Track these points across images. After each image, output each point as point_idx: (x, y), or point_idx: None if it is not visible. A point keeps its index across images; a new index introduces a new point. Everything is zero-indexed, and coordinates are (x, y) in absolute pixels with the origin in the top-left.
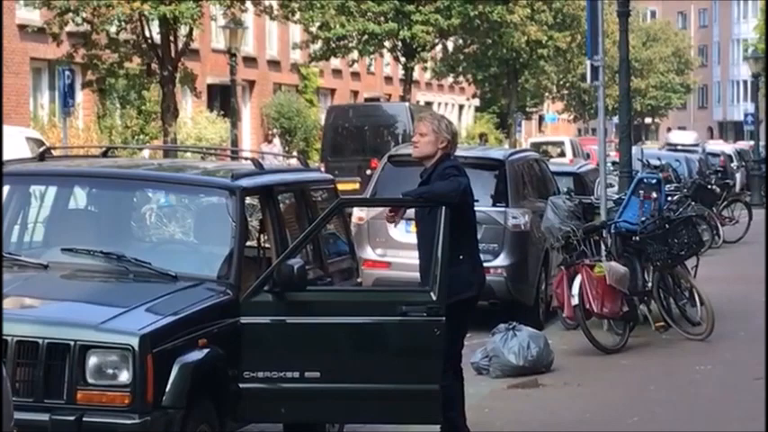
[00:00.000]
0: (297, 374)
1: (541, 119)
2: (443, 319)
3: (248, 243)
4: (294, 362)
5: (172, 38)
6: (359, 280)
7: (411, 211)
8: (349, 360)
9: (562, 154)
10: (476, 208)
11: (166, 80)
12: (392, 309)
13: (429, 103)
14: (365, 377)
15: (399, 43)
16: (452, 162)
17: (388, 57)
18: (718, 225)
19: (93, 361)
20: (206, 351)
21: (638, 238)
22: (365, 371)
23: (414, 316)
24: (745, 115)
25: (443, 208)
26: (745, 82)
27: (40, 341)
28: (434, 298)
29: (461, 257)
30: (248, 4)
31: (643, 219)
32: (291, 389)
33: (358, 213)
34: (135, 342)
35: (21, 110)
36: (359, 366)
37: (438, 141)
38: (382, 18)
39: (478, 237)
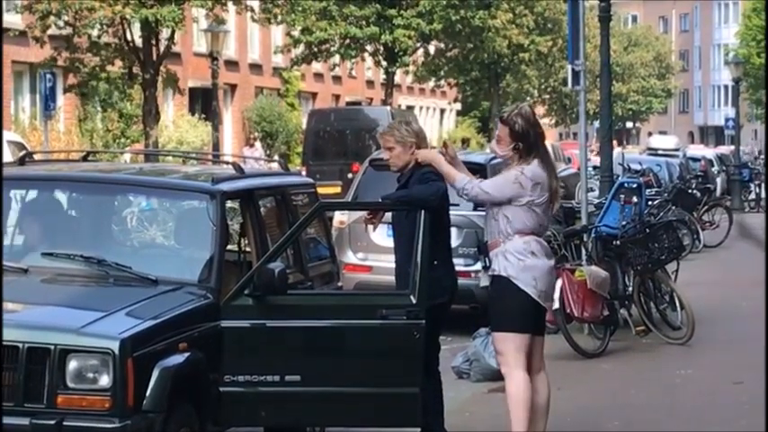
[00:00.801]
0: (277, 378)
1: None
2: (423, 322)
3: (229, 247)
4: (274, 365)
5: (153, 41)
6: (339, 284)
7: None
8: (329, 363)
9: None
10: (457, 212)
11: (148, 83)
12: (372, 312)
13: (411, 107)
14: (345, 380)
15: (381, 47)
16: (430, 168)
17: (369, 61)
18: (699, 229)
19: (73, 365)
20: (186, 355)
21: (618, 242)
22: (345, 374)
23: (393, 319)
24: (726, 120)
25: (422, 212)
26: (726, 87)
27: (21, 345)
28: (414, 301)
29: (436, 262)
30: (230, 5)
31: (624, 223)
32: (272, 392)
33: (339, 217)
34: (115, 346)
35: (2, 113)
36: (339, 370)
37: (407, 149)
38: (364, 22)
39: (460, 241)
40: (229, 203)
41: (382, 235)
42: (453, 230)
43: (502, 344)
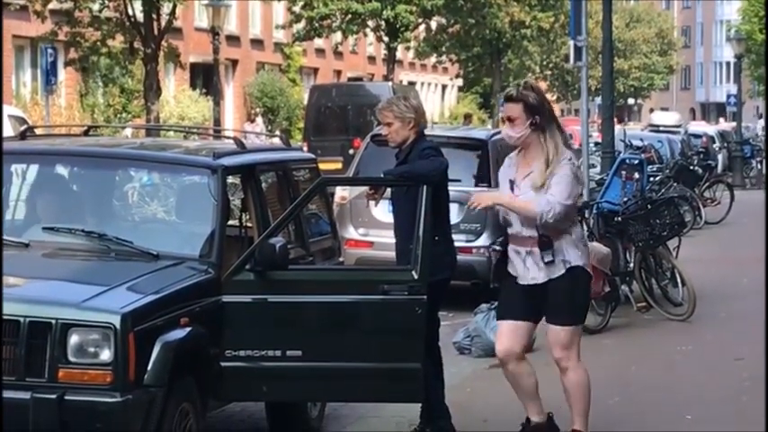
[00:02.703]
0: (278, 353)
1: None
2: (425, 297)
3: (230, 222)
4: (276, 341)
5: (155, 16)
6: (341, 259)
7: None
8: (330, 339)
9: None
10: (459, 188)
11: (149, 58)
12: (374, 288)
13: (412, 83)
14: (347, 356)
15: (383, 23)
16: (429, 143)
17: (371, 36)
18: (700, 206)
19: (74, 339)
20: (188, 330)
21: (620, 218)
22: (347, 350)
23: (395, 295)
24: (728, 96)
25: (425, 187)
26: (727, 63)
27: (22, 320)
28: (416, 277)
29: (437, 238)
30: None
31: (625, 199)
32: (273, 367)
33: (340, 193)
34: (116, 321)
35: (3, 88)
36: (340, 345)
37: (405, 124)
38: None
39: (461, 217)
40: (230, 179)
41: (383, 211)
42: (455, 206)
43: (573, 338)
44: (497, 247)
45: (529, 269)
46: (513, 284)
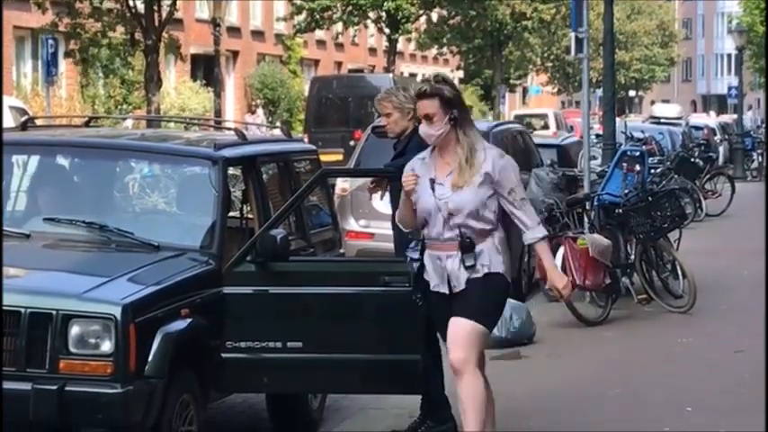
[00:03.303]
0: (279, 345)
1: (525, 91)
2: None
3: (231, 213)
4: (276, 332)
5: (155, 7)
6: (342, 251)
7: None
8: (331, 330)
9: (546, 126)
10: None
11: (150, 50)
12: (374, 279)
13: (413, 75)
14: (347, 347)
15: (384, 14)
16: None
17: (372, 28)
18: (701, 198)
19: (75, 330)
20: (188, 321)
21: (621, 210)
22: (347, 341)
23: (396, 286)
24: (729, 88)
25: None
26: (729, 55)
27: (23, 310)
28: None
29: None
30: None
31: (626, 191)
32: (274, 359)
33: (341, 185)
34: (117, 312)
35: (4, 78)
36: (341, 337)
37: (405, 115)
38: None
39: None
40: (231, 170)
41: (384, 202)
42: None
43: (475, 338)
44: (414, 255)
45: (450, 276)
46: (437, 297)
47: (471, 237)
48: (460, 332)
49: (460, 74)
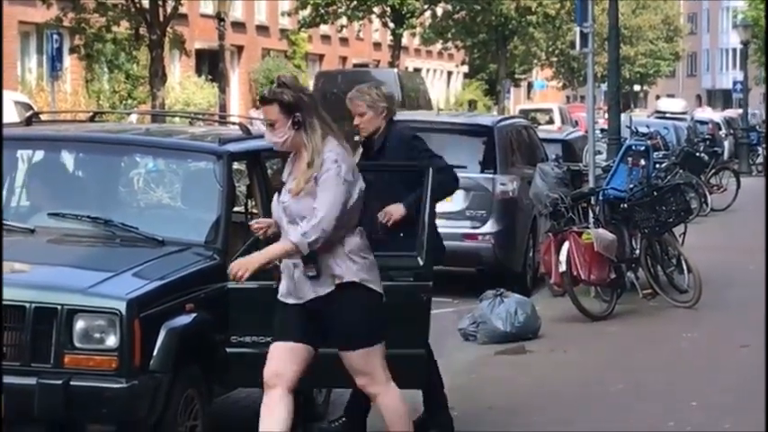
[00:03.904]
0: None
1: (530, 86)
2: (430, 284)
3: (235, 208)
4: None
5: (160, 2)
6: None
7: None
8: None
9: (551, 121)
10: (464, 174)
11: (155, 45)
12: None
13: (418, 70)
14: None
15: (388, 9)
16: (409, 133)
17: (376, 22)
18: (707, 193)
19: (80, 325)
20: (193, 316)
21: (626, 205)
22: None
23: (401, 281)
24: (734, 83)
25: (429, 174)
26: (734, 50)
27: (27, 305)
28: (421, 263)
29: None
30: None
31: (631, 186)
32: None
33: None
34: (122, 306)
35: (8, 74)
36: None
37: (378, 113)
38: None
39: (467, 203)
40: (236, 165)
41: None
42: (460, 193)
43: (368, 360)
44: (278, 262)
45: (297, 285)
46: (287, 304)
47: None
48: (351, 364)
49: (465, 68)
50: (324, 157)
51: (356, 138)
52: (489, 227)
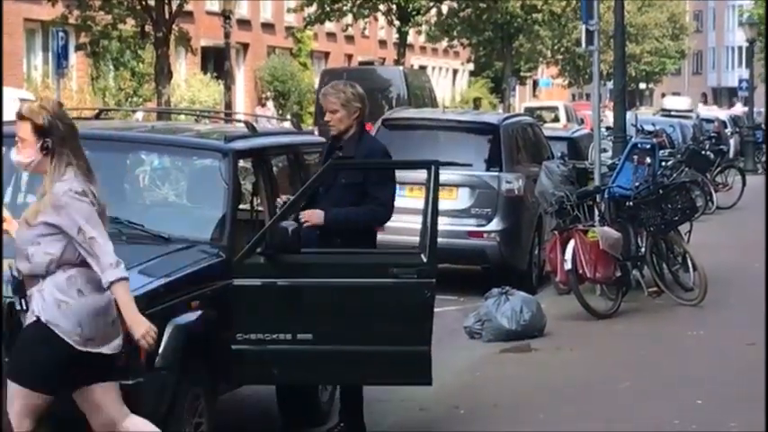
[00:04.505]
0: (289, 336)
1: (536, 84)
2: (434, 281)
3: (241, 206)
4: (286, 324)
5: (166, 0)
6: None
7: (406, 175)
8: (341, 322)
9: (556, 119)
10: (470, 172)
11: (160, 42)
12: (383, 271)
13: (423, 67)
14: (357, 339)
15: (394, 7)
16: (383, 147)
17: (382, 20)
18: (712, 191)
19: None
20: (198, 313)
21: (631, 203)
22: (357, 333)
23: (405, 278)
24: (740, 81)
25: (433, 168)
26: (740, 48)
27: None
28: (425, 260)
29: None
30: None
31: (637, 184)
32: (284, 351)
33: None
34: None
35: (14, 71)
36: (350, 329)
37: (350, 113)
38: None
39: (472, 201)
40: (242, 162)
41: (396, 195)
42: (466, 191)
43: (10, 399)
44: None
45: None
46: None
47: (23, 278)
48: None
49: (471, 66)
50: (57, 189)
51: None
52: (495, 225)
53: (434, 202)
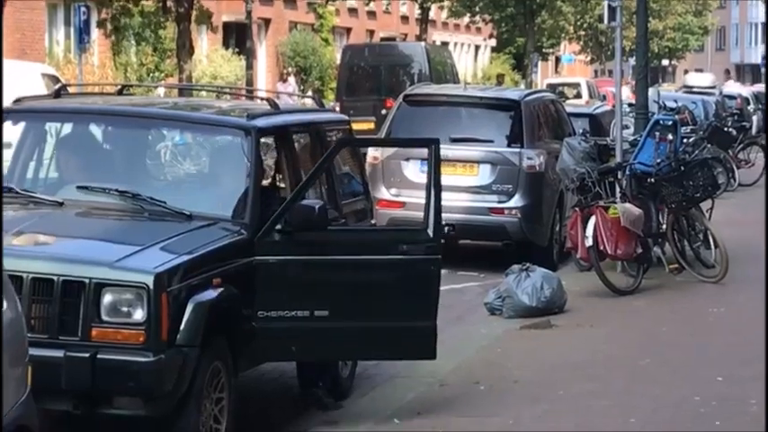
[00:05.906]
0: (307, 313)
1: (558, 60)
2: (440, 257)
3: (263, 183)
4: (305, 301)
5: None
6: (373, 221)
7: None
8: (354, 299)
9: (578, 95)
10: (491, 148)
11: (182, 17)
12: (394, 248)
13: (445, 43)
14: (369, 315)
15: None
16: None
17: None
18: (734, 168)
19: (107, 299)
20: (220, 290)
21: (653, 180)
22: (369, 309)
23: (413, 254)
24: (763, 57)
25: (434, 148)
26: (763, 24)
27: (56, 278)
28: (431, 235)
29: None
30: None
31: (658, 161)
32: (302, 327)
33: (373, 153)
34: (150, 281)
35: (36, 46)
36: (363, 305)
37: None
38: None
39: (493, 178)
40: (264, 139)
41: (416, 171)
42: (487, 167)
43: None
44: None
45: None
46: None
47: None
48: None
49: (493, 42)
50: None
51: (383, 111)
52: (516, 201)
53: (437, 179)
